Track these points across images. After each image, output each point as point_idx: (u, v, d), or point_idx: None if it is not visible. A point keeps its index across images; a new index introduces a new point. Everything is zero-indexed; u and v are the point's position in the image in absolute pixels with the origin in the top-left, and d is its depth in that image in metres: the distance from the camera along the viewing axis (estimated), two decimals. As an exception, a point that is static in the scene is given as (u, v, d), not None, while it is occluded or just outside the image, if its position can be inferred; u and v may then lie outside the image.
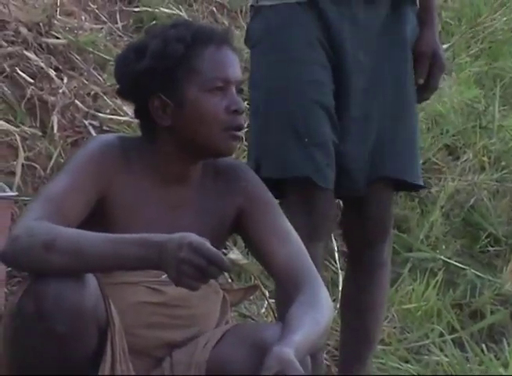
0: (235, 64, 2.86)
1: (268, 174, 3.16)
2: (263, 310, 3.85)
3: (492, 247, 4.76)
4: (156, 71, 2.71)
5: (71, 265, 2.46)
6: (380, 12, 3.35)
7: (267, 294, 3.80)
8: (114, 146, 2.85)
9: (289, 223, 2.88)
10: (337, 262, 4.29)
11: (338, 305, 3.70)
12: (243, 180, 2.89)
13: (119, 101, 4.46)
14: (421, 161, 4.09)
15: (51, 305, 2.44)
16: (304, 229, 3.06)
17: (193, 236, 2.33)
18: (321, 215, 3.38)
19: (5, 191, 3.41)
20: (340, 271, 4.25)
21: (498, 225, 4.83)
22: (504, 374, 3.87)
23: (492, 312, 4.39)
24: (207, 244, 2.27)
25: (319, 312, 2.60)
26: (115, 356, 2.66)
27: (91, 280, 2.51)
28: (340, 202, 3.88)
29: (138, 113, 2.78)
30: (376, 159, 3.34)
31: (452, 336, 4.02)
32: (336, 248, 4.29)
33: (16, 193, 3.54)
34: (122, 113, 4.51)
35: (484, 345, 3.95)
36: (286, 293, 2.74)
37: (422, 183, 3.52)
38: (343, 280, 3.95)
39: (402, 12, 3.38)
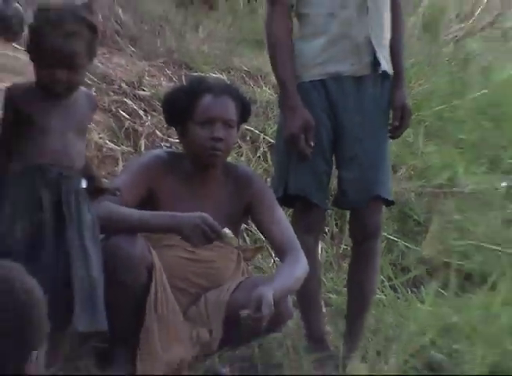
0: (224, 107, 3.90)
1: (289, 191, 4.18)
2: (270, 264, 5.01)
3: (415, 227, 5.95)
4: (173, 112, 3.92)
5: (129, 228, 3.55)
6: (367, 85, 4.25)
7: (273, 254, 4.77)
8: (162, 157, 3.99)
9: (282, 212, 4.05)
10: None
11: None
12: (253, 183, 4.00)
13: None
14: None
15: (111, 255, 3.40)
16: (302, 227, 4.22)
17: (205, 214, 3.39)
18: (312, 220, 4.37)
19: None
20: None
21: (420, 215, 5.97)
22: (422, 307, 4.71)
23: (414, 269, 5.47)
24: (212, 219, 3.37)
25: (295, 269, 3.74)
26: (157, 288, 3.64)
27: (139, 239, 3.55)
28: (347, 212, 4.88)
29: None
30: (368, 184, 4.30)
31: (390, 283, 5.10)
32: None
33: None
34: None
35: (409, 290, 5.18)
36: (280, 257, 3.91)
37: (392, 199, 4.50)
38: (349, 264, 4.71)
39: (382, 84, 4.27)
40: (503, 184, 6.61)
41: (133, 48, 6.22)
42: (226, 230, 3.56)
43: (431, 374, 4.24)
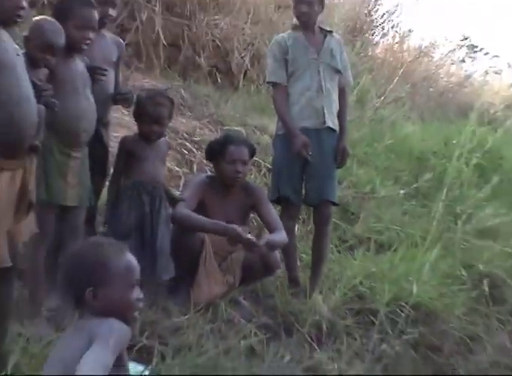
0: (241, 153, 4.72)
1: (280, 195, 5.11)
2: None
3: (351, 216, 6.95)
4: (212, 152, 4.84)
5: (192, 228, 4.38)
6: (323, 135, 5.15)
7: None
8: (206, 178, 4.84)
9: (272, 207, 4.92)
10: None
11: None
12: (256, 192, 4.91)
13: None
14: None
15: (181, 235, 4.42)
16: (286, 216, 5.14)
17: (235, 227, 4.36)
18: (292, 212, 5.31)
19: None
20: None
21: (354, 209, 7.05)
22: (355, 262, 5.65)
23: (350, 240, 6.45)
24: (240, 230, 4.33)
25: (280, 236, 4.69)
26: (206, 252, 4.55)
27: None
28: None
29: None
30: (323, 192, 5.21)
31: (336, 248, 6.03)
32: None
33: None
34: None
35: (348, 252, 6.11)
36: (270, 232, 4.73)
37: (337, 202, 5.40)
38: (313, 237, 5.54)
39: (330, 135, 5.19)
40: (402, 191, 7.80)
41: (190, 113, 7.13)
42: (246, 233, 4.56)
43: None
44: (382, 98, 9.62)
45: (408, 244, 6.32)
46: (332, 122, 5.15)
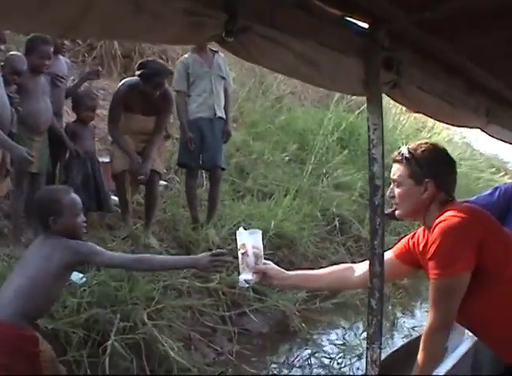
0: None
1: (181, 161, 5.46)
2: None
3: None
4: None
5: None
6: (215, 122, 5.57)
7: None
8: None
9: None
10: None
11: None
12: None
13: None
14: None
15: None
16: (192, 174, 5.57)
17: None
18: (196, 171, 5.64)
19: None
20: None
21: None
22: None
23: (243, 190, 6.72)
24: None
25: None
26: None
27: None
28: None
29: None
30: (214, 159, 5.50)
31: (233, 196, 7.03)
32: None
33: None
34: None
35: None
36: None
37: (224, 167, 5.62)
38: (208, 191, 5.76)
39: (220, 121, 5.58)
40: (286, 157, 7.98)
41: None
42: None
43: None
44: (282, 90, 9.91)
45: (283, 194, 6.70)
46: (220, 113, 5.60)
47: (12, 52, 4.60)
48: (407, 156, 2.15)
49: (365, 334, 5.20)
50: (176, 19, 1.35)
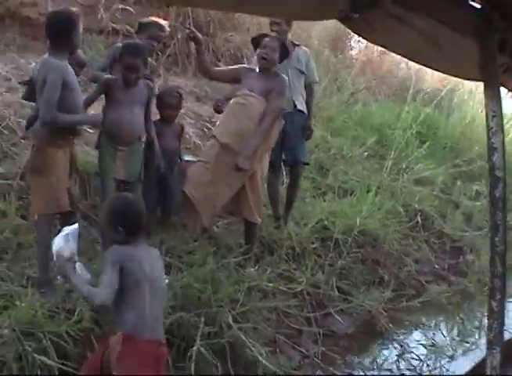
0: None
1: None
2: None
3: (326, 171, 6.80)
4: None
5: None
6: (295, 114, 5.09)
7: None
8: None
9: None
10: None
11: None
12: None
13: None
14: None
15: None
16: (274, 170, 5.15)
17: None
18: (279, 167, 5.28)
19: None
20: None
21: (328, 166, 6.90)
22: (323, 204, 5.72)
23: (324, 189, 6.41)
24: None
25: None
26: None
27: None
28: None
29: None
30: (296, 155, 5.18)
31: (314, 193, 6.70)
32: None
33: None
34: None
35: (316, 196, 6.08)
36: None
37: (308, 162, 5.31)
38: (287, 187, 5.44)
39: (300, 114, 5.13)
40: (365, 153, 7.72)
41: (210, 102, 6.41)
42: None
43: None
44: (356, 86, 9.56)
45: (365, 190, 6.38)
46: (300, 105, 5.24)
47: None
48: None
49: (454, 335, 5.10)
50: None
